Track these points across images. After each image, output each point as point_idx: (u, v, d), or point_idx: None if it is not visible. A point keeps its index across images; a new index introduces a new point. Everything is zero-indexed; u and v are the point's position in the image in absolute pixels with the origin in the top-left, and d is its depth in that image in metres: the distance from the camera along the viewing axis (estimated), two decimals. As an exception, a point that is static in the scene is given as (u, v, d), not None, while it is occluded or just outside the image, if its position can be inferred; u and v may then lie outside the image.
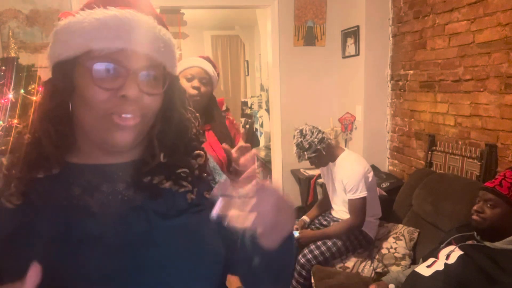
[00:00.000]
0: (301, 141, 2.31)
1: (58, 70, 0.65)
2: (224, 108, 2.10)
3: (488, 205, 1.58)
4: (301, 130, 2.34)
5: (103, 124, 0.62)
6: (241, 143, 1.50)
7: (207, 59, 1.72)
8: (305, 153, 2.31)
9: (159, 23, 0.67)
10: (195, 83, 1.61)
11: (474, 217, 1.62)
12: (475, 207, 1.62)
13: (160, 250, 0.64)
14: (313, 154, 2.31)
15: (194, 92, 1.60)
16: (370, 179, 2.32)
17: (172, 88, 0.72)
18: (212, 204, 0.75)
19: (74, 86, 0.63)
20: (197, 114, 0.78)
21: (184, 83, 1.59)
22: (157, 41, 0.64)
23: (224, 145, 1.50)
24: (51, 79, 0.67)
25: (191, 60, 1.69)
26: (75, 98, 0.64)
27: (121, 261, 0.62)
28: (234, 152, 1.47)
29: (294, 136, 2.36)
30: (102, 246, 0.61)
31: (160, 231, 0.65)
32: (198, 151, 0.75)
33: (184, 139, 0.73)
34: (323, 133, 2.33)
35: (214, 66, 1.72)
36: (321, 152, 2.30)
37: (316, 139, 2.28)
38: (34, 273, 0.51)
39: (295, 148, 2.35)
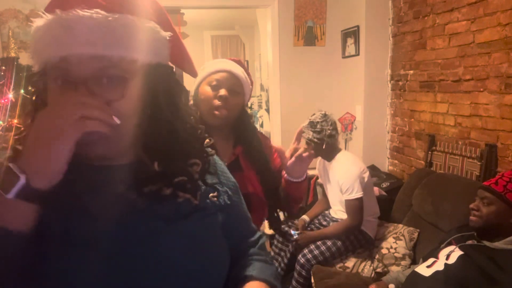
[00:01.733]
0: (318, 122, 2.31)
1: (32, 83, 0.63)
2: None
3: (484, 203, 1.60)
4: (325, 114, 2.34)
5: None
6: (300, 150, 1.20)
7: (238, 62, 1.32)
8: (311, 133, 2.30)
9: (122, 11, 0.58)
10: (222, 92, 1.22)
11: (471, 216, 1.64)
12: (471, 205, 1.65)
13: (162, 256, 0.63)
14: (316, 140, 2.31)
15: (219, 104, 1.21)
16: (366, 179, 2.32)
17: (158, 79, 0.64)
18: (218, 208, 0.73)
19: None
20: (194, 108, 0.74)
21: (207, 92, 1.23)
22: (108, 34, 0.55)
23: (278, 148, 1.26)
24: (34, 90, 0.65)
25: (217, 62, 1.31)
26: None
27: (121, 266, 0.60)
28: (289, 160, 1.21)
29: (314, 113, 2.36)
30: (100, 250, 0.60)
31: (162, 236, 0.64)
32: (194, 160, 0.69)
33: (178, 143, 0.67)
34: (337, 132, 2.35)
35: (247, 72, 1.32)
36: (322, 144, 2.30)
37: (329, 131, 2.30)
38: None
39: (306, 122, 2.34)
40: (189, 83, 1.24)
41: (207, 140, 0.77)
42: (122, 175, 0.66)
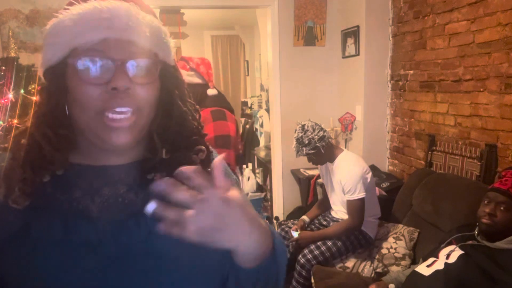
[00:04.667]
0: (302, 136, 2.30)
1: (49, 74, 0.63)
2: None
3: (501, 208, 1.54)
4: (303, 126, 2.34)
5: (98, 124, 0.60)
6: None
7: None
8: (304, 148, 2.31)
9: (145, 11, 0.64)
10: None
11: (485, 220, 1.57)
12: (487, 210, 1.57)
13: (160, 258, 0.63)
14: (312, 151, 2.31)
15: None
16: (368, 179, 2.31)
17: (169, 79, 0.69)
18: None
19: (67, 88, 0.61)
20: (197, 107, 0.75)
21: None
22: (140, 26, 0.61)
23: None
24: (44, 85, 0.65)
25: None
26: (70, 100, 0.62)
27: (119, 269, 0.60)
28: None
29: (296, 130, 2.36)
30: (100, 252, 0.60)
31: (160, 238, 0.62)
32: (199, 146, 0.72)
33: (184, 133, 0.71)
34: (324, 131, 2.33)
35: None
36: (320, 150, 2.30)
37: (316, 136, 2.28)
38: None
39: (294, 142, 2.35)
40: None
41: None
42: (121, 176, 0.66)
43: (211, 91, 1.99)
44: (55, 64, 0.62)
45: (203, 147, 0.73)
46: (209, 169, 0.72)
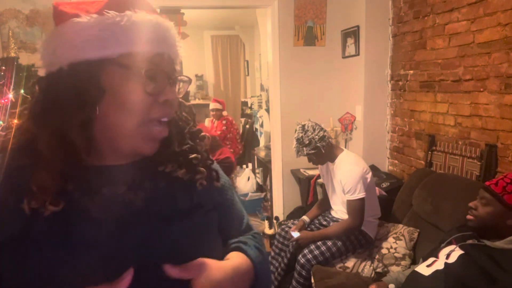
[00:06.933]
0: (302, 137, 2.30)
1: (83, 67, 0.58)
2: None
3: (482, 203, 1.60)
4: (303, 126, 2.34)
5: (141, 132, 0.62)
6: None
7: None
8: (304, 148, 2.31)
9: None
10: None
11: (468, 215, 1.65)
12: (470, 204, 1.65)
13: (162, 256, 0.62)
14: (312, 151, 2.31)
15: None
16: (368, 179, 2.31)
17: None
18: (214, 204, 0.74)
19: (104, 89, 0.59)
20: (189, 103, 0.81)
21: None
22: (178, 44, 0.67)
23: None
24: (72, 79, 0.59)
25: None
26: (105, 102, 0.59)
27: (122, 268, 0.60)
28: None
29: (296, 130, 2.36)
30: (101, 252, 0.60)
31: (161, 236, 0.64)
32: (203, 134, 0.77)
33: (188, 127, 0.75)
34: (324, 131, 2.33)
35: None
36: (320, 150, 2.30)
37: (317, 136, 2.28)
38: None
39: (294, 142, 2.35)
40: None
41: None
42: (123, 175, 0.66)
43: None
44: (93, 59, 0.58)
45: (205, 134, 0.78)
46: (209, 162, 0.76)
